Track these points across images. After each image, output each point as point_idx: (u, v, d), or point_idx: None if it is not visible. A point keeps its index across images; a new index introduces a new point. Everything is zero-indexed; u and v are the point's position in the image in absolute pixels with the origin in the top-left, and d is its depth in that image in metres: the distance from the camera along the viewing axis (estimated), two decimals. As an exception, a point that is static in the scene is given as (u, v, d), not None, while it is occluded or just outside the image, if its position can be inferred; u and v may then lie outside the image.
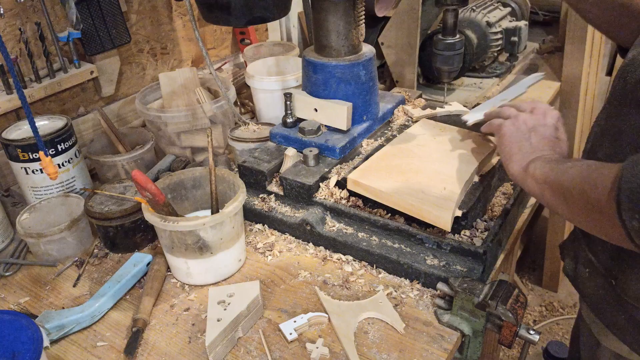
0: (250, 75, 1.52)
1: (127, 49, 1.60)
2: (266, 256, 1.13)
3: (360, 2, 1.19)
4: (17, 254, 1.20)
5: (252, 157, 1.25)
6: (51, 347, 0.96)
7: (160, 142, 1.48)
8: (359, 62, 1.22)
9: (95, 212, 1.13)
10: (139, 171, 0.95)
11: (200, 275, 1.06)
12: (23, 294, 1.09)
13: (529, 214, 1.25)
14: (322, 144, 1.21)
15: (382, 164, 1.15)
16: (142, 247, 1.19)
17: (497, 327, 0.90)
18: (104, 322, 1.01)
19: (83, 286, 1.10)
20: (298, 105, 1.28)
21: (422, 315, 0.96)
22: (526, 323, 2.39)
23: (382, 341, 0.92)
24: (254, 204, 1.21)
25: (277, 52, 1.77)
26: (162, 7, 1.66)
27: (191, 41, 1.79)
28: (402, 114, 1.40)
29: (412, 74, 1.77)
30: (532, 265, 2.74)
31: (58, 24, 1.41)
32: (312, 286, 1.04)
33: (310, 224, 1.11)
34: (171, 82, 1.48)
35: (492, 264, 1.07)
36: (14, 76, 1.06)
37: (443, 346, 0.90)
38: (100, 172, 1.41)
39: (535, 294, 2.61)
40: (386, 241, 1.07)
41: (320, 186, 1.16)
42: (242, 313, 0.93)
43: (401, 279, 1.04)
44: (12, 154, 1.22)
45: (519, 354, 1.06)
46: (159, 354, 0.93)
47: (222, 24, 1.13)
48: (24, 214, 1.19)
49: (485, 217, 1.11)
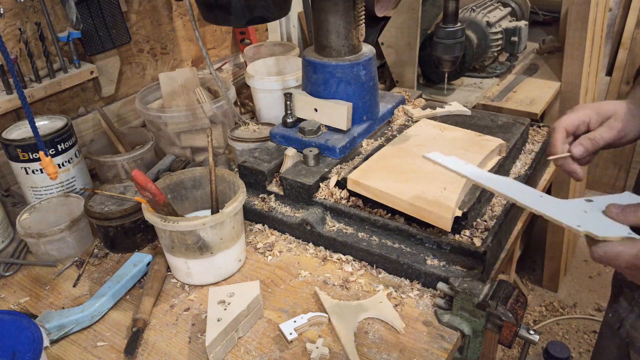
0: (250, 75, 1.52)
1: (127, 49, 1.60)
2: (266, 256, 1.13)
3: (360, 2, 1.19)
4: (17, 254, 1.20)
5: (252, 157, 1.25)
6: (51, 347, 0.96)
7: (160, 142, 1.48)
8: (359, 62, 1.22)
9: (95, 212, 1.13)
10: (139, 171, 0.95)
11: (200, 275, 1.06)
12: (23, 294, 1.09)
13: (529, 214, 1.25)
14: (322, 144, 1.21)
15: (382, 164, 1.15)
16: (142, 247, 1.19)
17: (497, 327, 0.90)
18: (104, 322, 1.01)
19: (83, 286, 1.10)
20: (298, 105, 1.28)
21: (422, 315, 0.96)
22: (526, 323, 2.39)
23: (382, 341, 0.92)
24: (254, 204, 1.21)
25: (277, 52, 1.77)
26: (162, 7, 1.67)
27: (191, 41, 1.79)
28: (402, 114, 1.40)
29: (412, 74, 1.78)
30: (532, 265, 2.74)
31: (58, 24, 1.41)
32: (312, 286, 1.04)
33: (310, 224, 1.11)
34: (171, 82, 1.48)
35: (492, 264, 1.07)
36: (14, 76, 1.06)
37: (443, 346, 0.90)
38: (100, 172, 1.41)
39: (535, 294, 2.61)
40: (386, 241, 1.07)
41: (320, 186, 1.16)
42: (242, 313, 0.93)
43: (401, 279, 1.04)
44: (12, 154, 1.22)
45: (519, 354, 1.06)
46: (159, 354, 0.93)
47: (222, 24, 1.13)
48: (24, 214, 1.19)
49: (485, 217, 1.11)
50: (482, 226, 1.07)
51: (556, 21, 2.47)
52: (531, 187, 0.88)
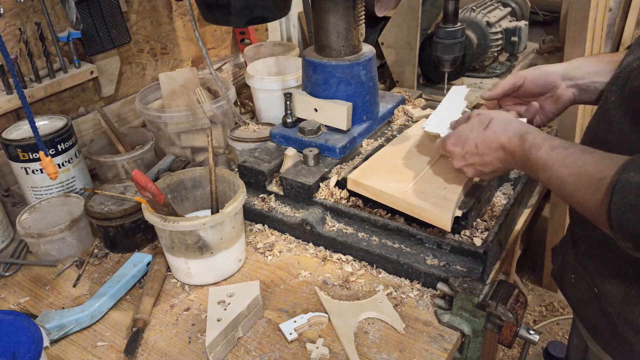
0: (250, 75, 1.52)
1: (127, 49, 1.60)
2: (266, 256, 1.13)
3: (360, 2, 1.19)
4: (17, 254, 1.20)
5: (252, 157, 1.25)
6: (51, 347, 0.96)
7: (160, 142, 1.48)
8: (359, 62, 1.22)
9: (95, 212, 1.13)
10: (139, 171, 0.95)
11: (200, 275, 1.06)
12: (23, 294, 1.09)
13: (529, 214, 1.25)
14: (322, 144, 1.21)
15: (382, 164, 1.15)
16: (142, 247, 1.19)
17: (497, 327, 0.90)
18: (104, 322, 1.01)
19: (83, 286, 1.10)
20: (298, 105, 1.28)
21: (422, 315, 0.96)
22: (526, 323, 2.39)
23: (382, 341, 0.92)
24: (254, 204, 1.21)
25: (277, 52, 1.77)
26: (162, 7, 1.67)
27: (191, 41, 1.79)
28: (402, 114, 1.40)
29: (412, 74, 1.77)
30: (532, 265, 2.74)
31: (58, 24, 1.41)
32: (312, 286, 1.04)
33: (310, 224, 1.11)
34: (171, 82, 1.48)
35: (492, 264, 1.07)
36: (14, 76, 1.06)
37: (443, 346, 0.90)
38: (100, 172, 1.41)
39: (535, 294, 2.61)
40: (386, 241, 1.07)
41: (320, 186, 1.16)
42: (242, 313, 0.93)
43: (401, 279, 1.04)
44: (12, 154, 1.22)
45: (519, 354, 1.06)
46: (159, 354, 0.93)
47: (222, 24, 1.13)
48: (24, 214, 1.19)
49: (485, 217, 1.11)
50: (482, 226, 1.07)
51: (556, 21, 2.47)
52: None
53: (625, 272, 0.81)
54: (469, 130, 0.96)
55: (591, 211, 0.71)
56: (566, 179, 0.74)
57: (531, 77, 1.03)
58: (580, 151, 0.75)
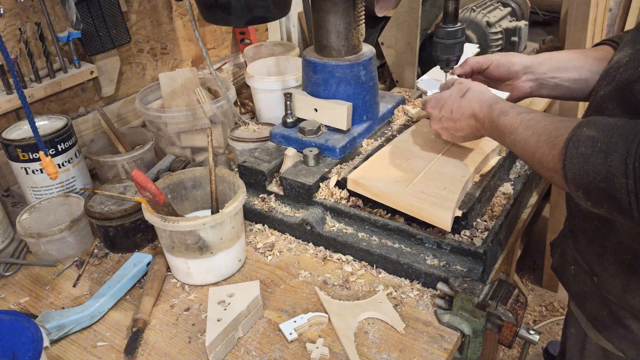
0: (250, 75, 1.52)
1: (127, 49, 1.60)
2: (266, 256, 1.13)
3: (360, 2, 1.19)
4: (17, 254, 1.20)
5: (252, 157, 1.25)
6: (51, 347, 0.96)
7: (160, 142, 1.48)
8: (359, 62, 1.22)
9: (95, 212, 1.13)
10: (139, 171, 0.95)
11: (200, 275, 1.06)
12: (23, 294, 1.09)
13: (529, 214, 1.25)
14: (322, 144, 1.21)
15: (382, 164, 1.15)
16: (142, 247, 1.19)
17: (497, 327, 0.90)
18: (104, 322, 1.01)
19: (83, 286, 1.10)
20: (298, 105, 1.28)
21: (422, 315, 0.96)
22: (526, 323, 2.39)
23: (382, 341, 0.92)
24: (254, 204, 1.21)
25: (277, 52, 1.77)
26: (162, 7, 1.66)
27: (191, 41, 1.79)
28: (402, 114, 1.40)
29: (412, 74, 1.77)
30: (532, 265, 2.74)
31: (58, 24, 1.41)
32: (312, 286, 1.04)
33: (310, 224, 1.11)
34: (171, 82, 1.48)
35: (492, 264, 1.07)
36: (14, 76, 1.06)
37: (443, 346, 0.90)
38: (100, 172, 1.41)
39: (535, 294, 2.61)
40: (386, 241, 1.07)
41: (320, 186, 1.16)
42: (242, 313, 0.93)
43: (401, 279, 1.04)
44: (12, 154, 1.22)
45: (519, 354, 1.06)
46: (159, 354, 0.93)
47: (222, 24, 1.13)
48: (24, 214, 1.19)
49: (485, 217, 1.11)
50: (482, 226, 1.07)
51: (556, 21, 2.47)
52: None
53: (624, 260, 0.83)
54: (448, 95, 1.05)
55: (549, 166, 0.76)
56: (529, 139, 0.81)
57: (496, 62, 1.12)
58: (542, 115, 0.83)
